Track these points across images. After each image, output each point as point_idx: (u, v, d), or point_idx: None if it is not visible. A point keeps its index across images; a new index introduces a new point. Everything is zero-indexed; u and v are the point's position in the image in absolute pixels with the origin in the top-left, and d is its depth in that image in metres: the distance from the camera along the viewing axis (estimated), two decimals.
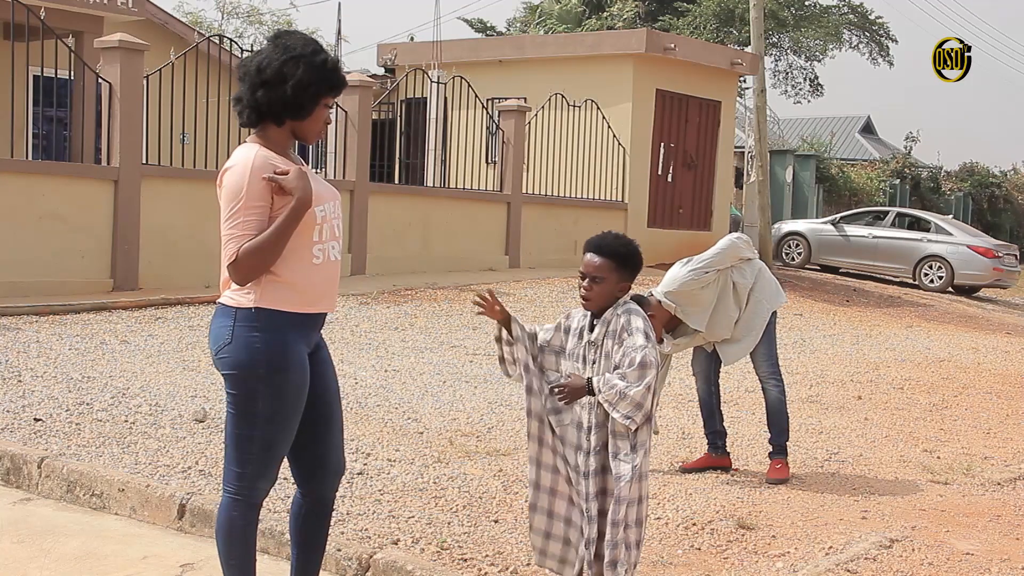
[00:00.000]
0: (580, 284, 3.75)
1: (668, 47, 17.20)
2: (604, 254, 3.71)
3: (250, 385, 3.33)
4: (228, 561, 3.48)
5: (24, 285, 9.92)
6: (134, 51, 10.86)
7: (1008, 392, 9.36)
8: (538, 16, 31.20)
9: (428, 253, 14.01)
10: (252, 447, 3.38)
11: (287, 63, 3.31)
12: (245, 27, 33.46)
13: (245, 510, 3.44)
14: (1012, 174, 39.34)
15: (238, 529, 3.45)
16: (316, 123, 3.42)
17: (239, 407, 3.37)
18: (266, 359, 3.31)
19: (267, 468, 3.42)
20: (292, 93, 3.32)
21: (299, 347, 3.38)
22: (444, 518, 4.82)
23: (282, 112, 3.37)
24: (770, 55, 30.94)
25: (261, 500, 3.48)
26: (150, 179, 11.04)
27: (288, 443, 3.45)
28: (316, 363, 3.50)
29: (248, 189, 3.29)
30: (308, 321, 3.42)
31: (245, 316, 3.33)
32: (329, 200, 3.46)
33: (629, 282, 3.77)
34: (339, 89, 3.43)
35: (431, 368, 8.27)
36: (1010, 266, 20.23)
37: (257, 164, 3.31)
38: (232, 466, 3.42)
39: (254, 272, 3.30)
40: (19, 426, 5.82)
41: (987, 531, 5.19)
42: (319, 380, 3.50)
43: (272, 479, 3.47)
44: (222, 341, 3.35)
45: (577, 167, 16.35)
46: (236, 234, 3.29)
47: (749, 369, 9.40)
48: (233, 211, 3.30)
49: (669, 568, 4.43)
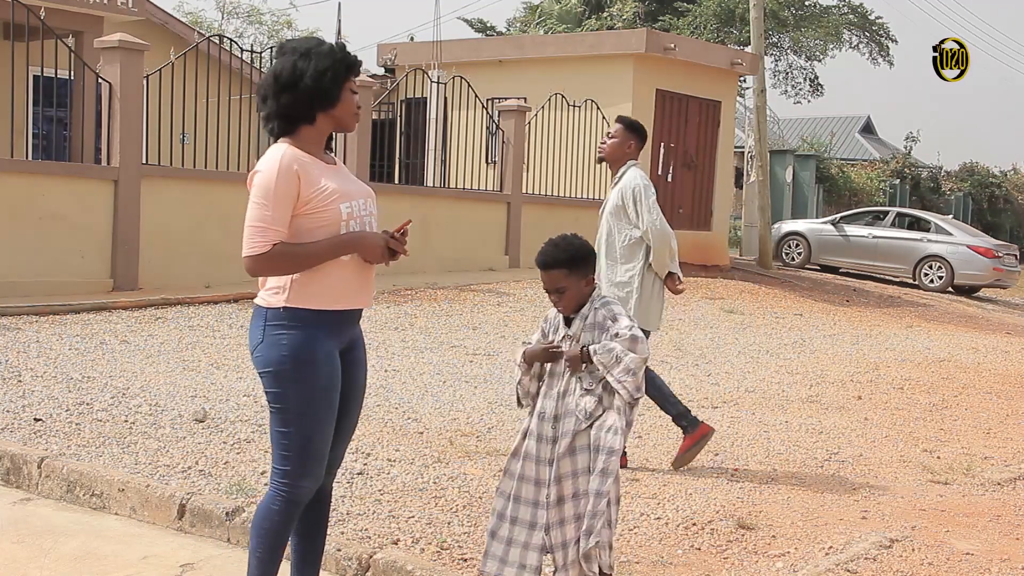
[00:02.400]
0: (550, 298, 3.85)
1: (668, 47, 17.20)
2: (553, 267, 3.78)
3: (281, 382, 3.41)
4: (256, 553, 3.52)
5: (24, 285, 9.92)
6: (134, 51, 10.87)
7: (1008, 392, 9.36)
8: (538, 16, 31.20)
9: (428, 253, 14.00)
10: (290, 443, 3.44)
11: (298, 61, 3.41)
12: (245, 27, 33.49)
13: (285, 506, 3.47)
14: (1012, 174, 39.33)
15: (274, 523, 3.49)
16: (349, 106, 3.48)
17: (275, 405, 3.45)
18: (293, 356, 3.38)
19: (308, 465, 3.46)
20: (314, 83, 3.40)
21: (327, 343, 3.43)
22: (444, 518, 4.82)
23: (311, 107, 3.44)
24: (770, 55, 30.92)
25: (304, 499, 3.50)
26: (150, 179, 11.04)
27: (325, 439, 3.49)
28: (348, 362, 3.56)
29: (277, 184, 3.35)
30: (337, 318, 3.47)
31: (275, 316, 3.42)
32: (358, 197, 3.51)
33: (591, 274, 3.84)
34: (355, 67, 3.49)
35: (431, 368, 8.27)
36: (1010, 266, 20.24)
37: (286, 161, 3.38)
38: (276, 463, 3.49)
39: (274, 273, 3.40)
40: (19, 426, 5.82)
41: (987, 531, 5.19)
42: (348, 379, 3.55)
43: (315, 477, 3.49)
44: (255, 341, 3.45)
45: (577, 167, 16.35)
46: (265, 226, 3.34)
47: (749, 369, 9.43)
48: (263, 203, 3.36)
49: (669, 568, 4.43)
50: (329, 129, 3.51)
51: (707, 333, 11.42)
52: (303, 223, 3.38)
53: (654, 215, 5.86)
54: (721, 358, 9.92)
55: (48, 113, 12.98)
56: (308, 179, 3.39)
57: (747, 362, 9.83)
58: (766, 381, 8.90)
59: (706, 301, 13.92)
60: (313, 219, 3.39)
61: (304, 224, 3.39)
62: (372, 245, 3.43)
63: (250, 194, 3.40)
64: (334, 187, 3.43)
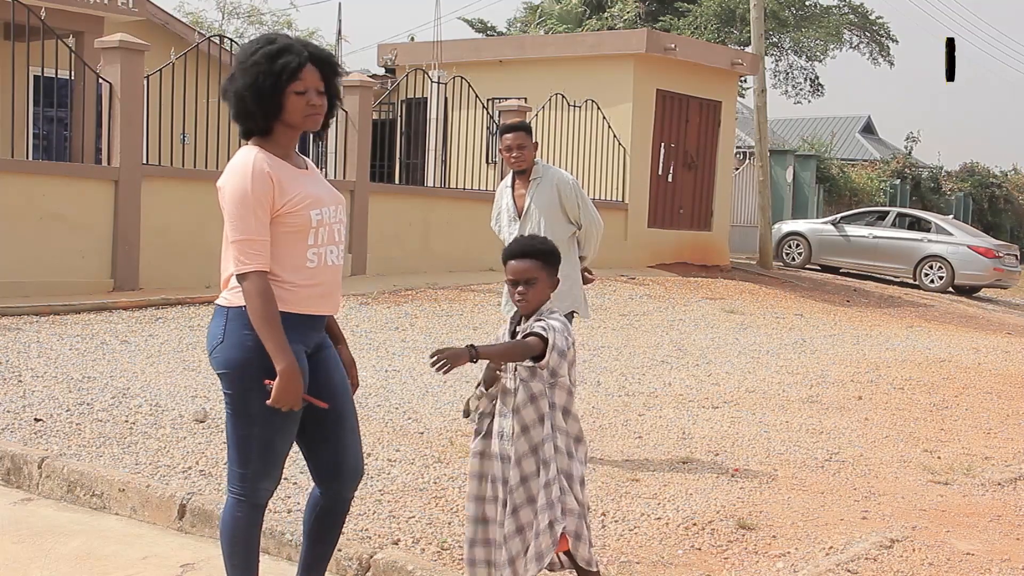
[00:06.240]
0: (513, 292, 3.76)
1: (668, 47, 17.20)
2: (531, 256, 3.77)
3: (243, 384, 3.33)
4: (231, 561, 3.49)
5: (24, 285, 9.92)
6: (134, 51, 10.87)
7: (1008, 392, 9.35)
8: (538, 16, 31.21)
9: (428, 253, 14.01)
10: (251, 447, 3.38)
11: (229, 81, 3.32)
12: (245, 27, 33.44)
13: (248, 511, 3.44)
14: (1012, 174, 39.33)
15: (241, 530, 3.45)
16: (296, 111, 3.32)
17: (235, 407, 3.38)
18: (257, 357, 3.29)
19: (268, 468, 3.42)
20: (245, 101, 3.30)
21: (295, 348, 3.34)
22: (444, 518, 4.82)
23: (256, 119, 3.33)
24: (770, 55, 30.94)
25: (264, 501, 3.48)
26: (150, 179, 11.05)
27: (287, 442, 3.44)
28: (319, 363, 3.49)
29: (253, 189, 3.27)
30: (303, 322, 3.40)
31: (237, 315, 3.33)
32: (329, 204, 3.43)
33: (556, 276, 3.83)
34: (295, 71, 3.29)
35: (431, 368, 8.25)
36: (1010, 266, 20.24)
37: (257, 165, 3.30)
38: (234, 467, 3.42)
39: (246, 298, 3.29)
40: (19, 426, 5.82)
41: (988, 531, 5.19)
42: (325, 380, 3.49)
43: (274, 479, 3.47)
44: (215, 340, 3.36)
45: (577, 167, 16.34)
46: (253, 238, 3.27)
47: (750, 369, 9.43)
48: (241, 213, 3.28)
49: (669, 568, 4.43)
50: (291, 133, 3.39)
51: (708, 333, 11.42)
52: (272, 228, 3.30)
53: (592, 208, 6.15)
54: (722, 358, 9.91)
55: (48, 113, 12.99)
56: (280, 183, 3.31)
57: (748, 362, 9.82)
58: (766, 381, 8.90)
59: (706, 301, 13.92)
60: (282, 223, 3.31)
61: (272, 230, 3.30)
62: (292, 385, 3.24)
63: (224, 205, 3.30)
64: (305, 192, 3.35)
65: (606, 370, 8.70)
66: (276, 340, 3.23)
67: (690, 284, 15.52)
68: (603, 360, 9.22)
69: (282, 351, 3.23)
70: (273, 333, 3.23)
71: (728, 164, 19.44)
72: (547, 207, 6.01)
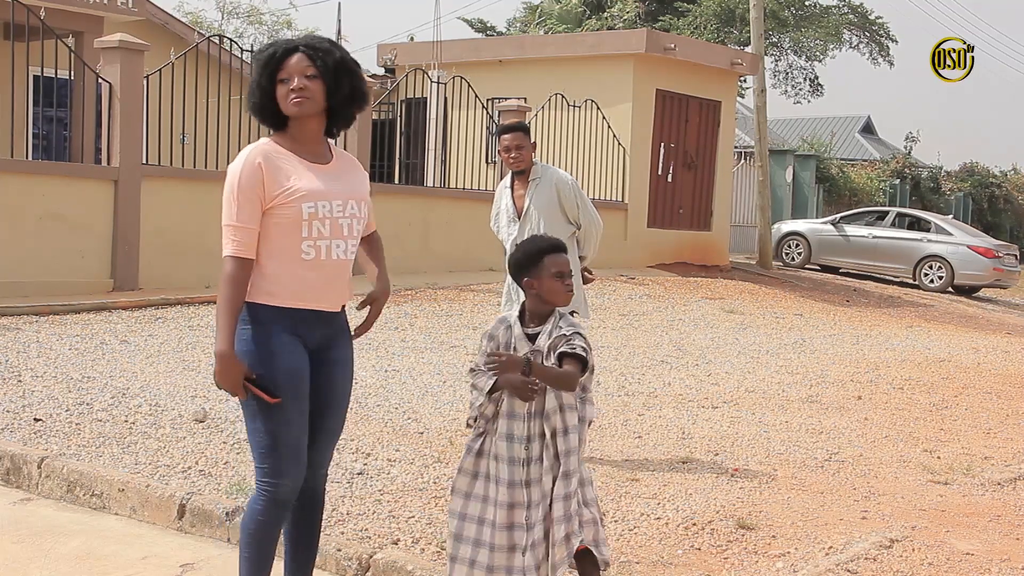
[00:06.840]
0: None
1: (668, 47, 17.20)
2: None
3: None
4: (243, 553, 3.49)
5: (24, 285, 9.91)
6: (134, 51, 10.87)
7: (1008, 392, 9.36)
8: (538, 16, 31.21)
9: (428, 253, 14.01)
10: (261, 441, 3.41)
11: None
12: (245, 27, 33.48)
13: (267, 505, 3.43)
14: (1012, 174, 39.33)
15: (260, 524, 3.45)
16: (282, 101, 3.39)
17: (240, 401, 3.41)
18: (251, 350, 3.35)
19: (284, 463, 3.40)
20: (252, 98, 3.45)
21: (284, 336, 3.37)
22: (444, 518, 4.81)
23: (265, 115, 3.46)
24: (770, 55, 30.94)
25: (285, 497, 3.44)
26: (150, 179, 11.04)
27: (295, 436, 3.41)
28: (324, 364, 3.49)
29: (241, 178, 3.35)
30: (300, 316, 3.41)
31: None
32: (336, 198, 3.42)
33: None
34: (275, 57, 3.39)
35: (431, 368, 8.26)
36: (1010, 266, 20.25)
37: (252, 156, 3.37)
38: (255, 462, 3.47)
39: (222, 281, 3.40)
40: (19, 426, 5.82)
41: (987, 531, 5.19)
42: (324, 379, 3.49)
43: (295, 476, 3.43)
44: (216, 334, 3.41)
45: (577, 167, 16.34)
46: (236, 224, 3.35)
47: (750, 369, 9.43)
48: (228, 199, 3.38)
49: (669, 568, 4.43)
50: (301, 124, 3.43)
51: (707, 333, 11.42)
52: (265, 219, 3.36)
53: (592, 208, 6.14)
54: (721, 358, 9.91)
55: (48, 113, 12.99)
56: (273, 175, 3.34)
57: (747, 362, 9.82)
58: (766, 381, 8.90)
59: (706, 301, 13.92)
60: (273, 214, 3.36)
61: (266, 221, 3.36)
62: (225, 369, 3.29)
63: None
64: (300, 186, 3.36)
65: (606, 370, 8.70)
66: (222, 323, 3.31)
67: (690, 284, 15.52)
68: (603, 360, 9.21)
69: (222, 334, 3.30)
70: (223, 317, 3.31)
71: (728, 164, 19.45)
72: (546, 207, 6.01)
